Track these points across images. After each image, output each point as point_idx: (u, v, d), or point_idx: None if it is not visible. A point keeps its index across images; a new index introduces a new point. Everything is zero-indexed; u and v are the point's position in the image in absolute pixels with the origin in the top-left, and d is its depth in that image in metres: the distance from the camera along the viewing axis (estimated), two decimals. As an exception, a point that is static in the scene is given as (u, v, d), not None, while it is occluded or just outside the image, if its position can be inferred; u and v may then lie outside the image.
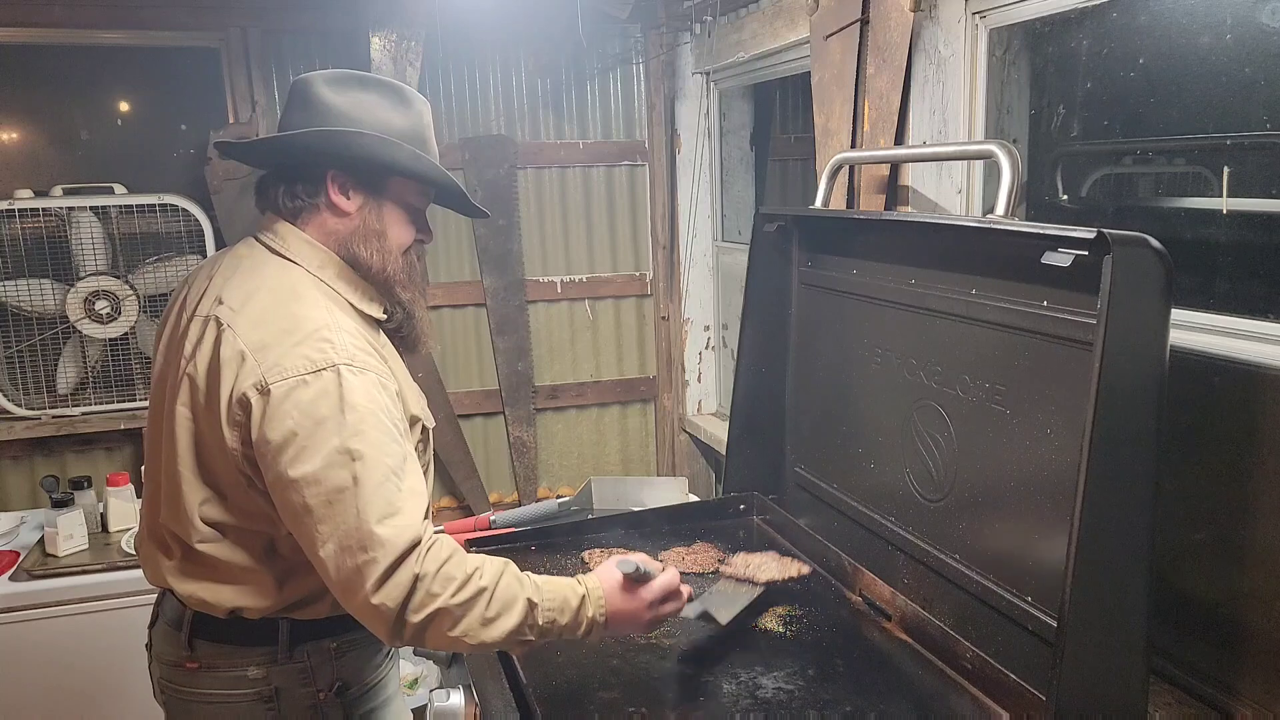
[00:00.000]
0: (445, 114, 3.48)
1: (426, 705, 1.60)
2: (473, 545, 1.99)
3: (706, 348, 3.70)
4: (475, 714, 1.53)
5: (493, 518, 2.53)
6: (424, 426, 1.58)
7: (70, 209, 3.05)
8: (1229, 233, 1.77)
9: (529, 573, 1.43)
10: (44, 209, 3.04)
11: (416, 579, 1.31)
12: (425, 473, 1.58)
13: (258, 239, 1.53)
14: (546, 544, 2.06)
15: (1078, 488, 1.19)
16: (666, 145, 3.61)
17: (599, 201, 3.68)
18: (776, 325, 2.25)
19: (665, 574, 1.53)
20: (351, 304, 1.51)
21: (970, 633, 1.54)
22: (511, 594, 1.37)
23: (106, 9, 3.12)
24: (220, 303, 1.45)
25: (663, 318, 3.75)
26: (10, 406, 3.13)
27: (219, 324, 1.42)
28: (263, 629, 1.50)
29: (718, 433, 3.37)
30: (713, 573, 1.91)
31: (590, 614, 1.44)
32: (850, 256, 1.99)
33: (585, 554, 1.99)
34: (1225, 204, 1.76)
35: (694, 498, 2.69)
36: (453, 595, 1.32)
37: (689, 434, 3.70)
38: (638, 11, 3.37)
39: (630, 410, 3.86)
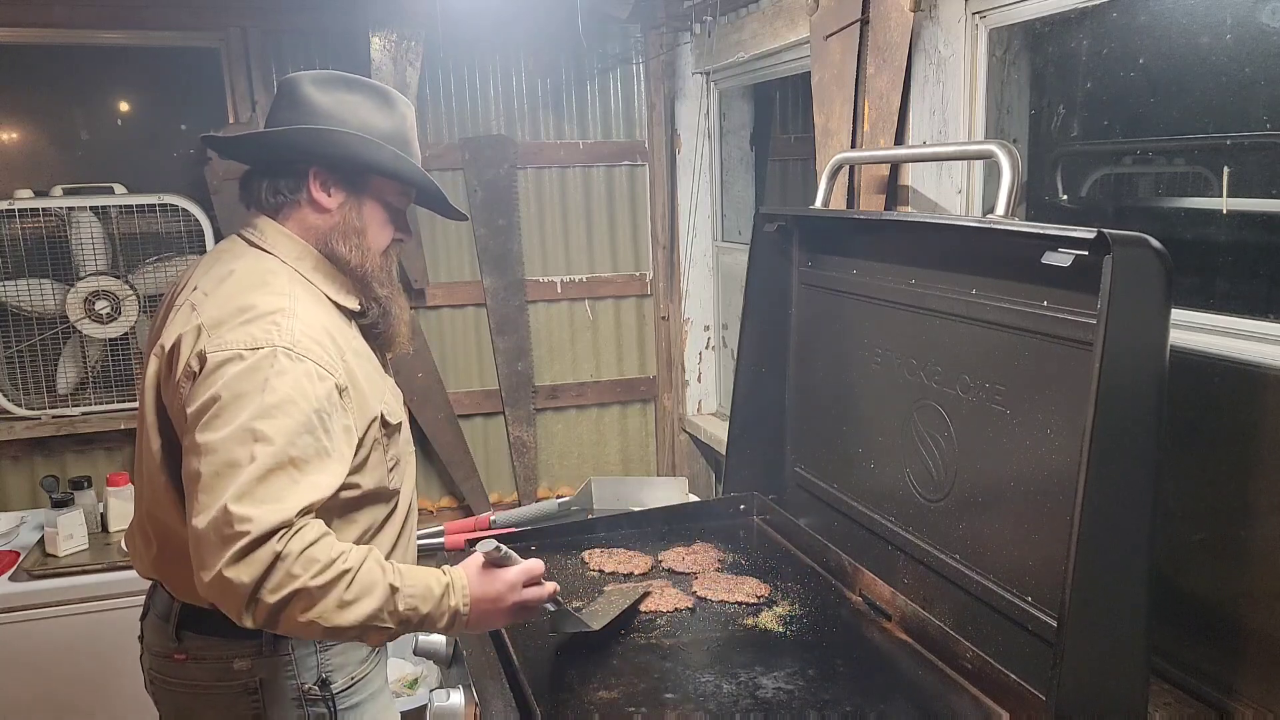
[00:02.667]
0: (445, 114, 3.48)
1: (426, 705, 1.60)
2: (473, 546, 1.99)
3: (706, 348, 3.70)
4: (475, 714, 1.53)
5: (493, 518, 2.53)
6: (387, 422, 1.57)
7: (70, 209, 3.05)
8: (1229, 233, 1.77)
9: (366, 550, 1.38)
10: (44, 209, 3.04)
11: (277, 557, 1.27)
12: (395, 468, 1.60)
13: (240, 234, 1.58)
14: (546, 544, 2.06)
15: (1078, 488, 1.19)
16: (666, 145, 3.61)
17: (599, 201, 3.68)
18: (776, 325, 2.25)
19: (528, 561, 1.51)
20: (327, 296, 1.53)
21: (970, 633, 1.54)
22: (372, 579, 1.34)
23: (106, 9, 3.12)
24: (195, 289, 1.50)
25: (663, 318, 3.75)
26: (10, 406, 3.13)
27: (191, 306, 1.47)
28: None
29: (718, 433, 3.37)
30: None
31: (454, 603, 1.41)
32: (850, 256, 1.99)
33: (585, 554, 1.99)
34: (1225, 204, 1.76)
35: (694, 498, 2.69)
36: (314, 577, 1.29)
37: (689, 434, 3.70)
38: (638, 11, 3.37)
39: (630, 410, 3.86)
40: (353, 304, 1.58)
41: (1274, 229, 1.68)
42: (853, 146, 2.26)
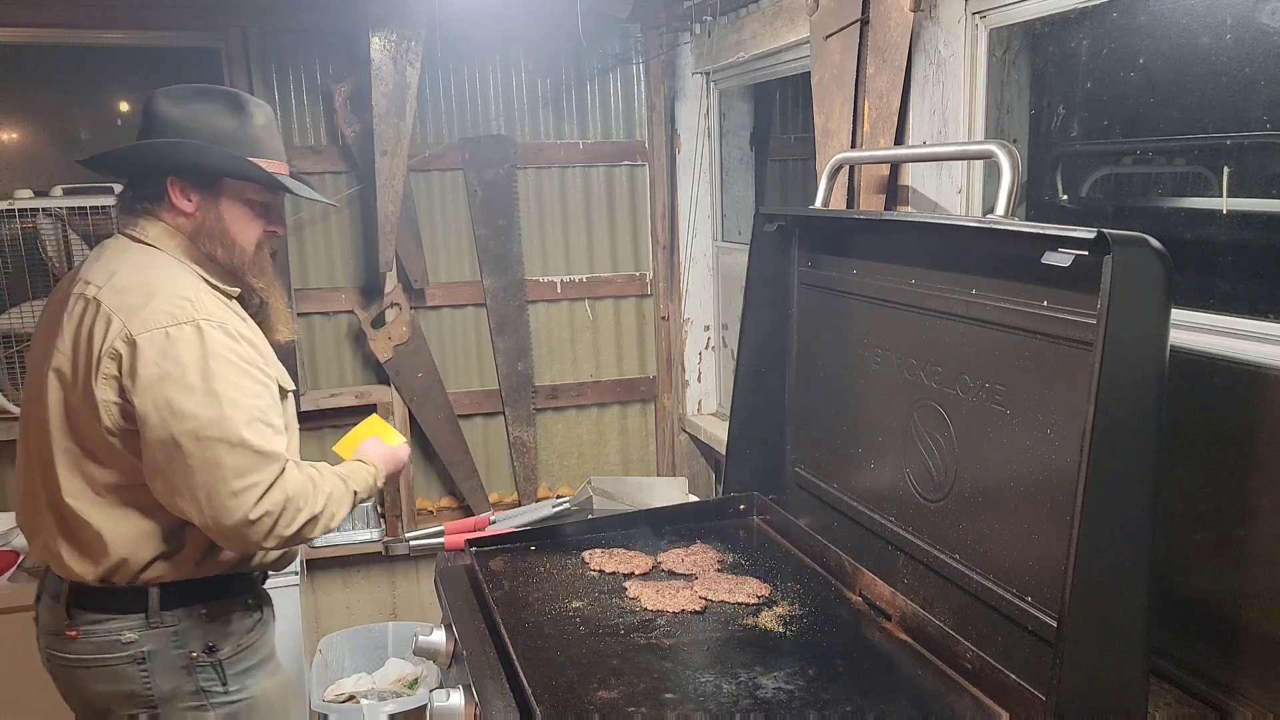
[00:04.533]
0: (445, 114, 3.48)
1: (426, 705, 1.60)
2: (473, 546, 2.00)
3: (706, 348, 3.70)
4: (475, 714, 1.53)
5: (492, 518, 2.53)
6: (282, 388, 1.76)
7: (70, 209, 3.05)
8: (1229, 233, 1.77)
9: (326, 469, 1.76)
10: (44, 209, 3.04)
11: (287, 500, 1.59)
12: (289, 430, 1.79)
13: (122, 233, 1.73)
14: (546, 544, 2.06)
15: (1078, 488, 1.19)
16: (666, 145, 3.61)
17: (599, 202, 3.68)
18: (776, 325, 2.24)
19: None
20: (208, 280, 1.69)
21: (970, 633, 1.54)
22: (337, 485, 1.73)
23: (106, 9, 3.12)
24: (87, 283, 1.65)
25: (663, 318, 3.75)
26: (10, 406, 3.13)
27: (85, 299, 1.62)
28: (133, 596, 1.66)
29: (718, 433, 3.37)
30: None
31: (374, 476, 1.86)
32: (850, 256, 1.99)
33: (585, 554, 1.99)
34: (1225, 204, 1.76)
35: (694, 498, 2.69)
36: (315, 506, 1.64)
37: (689, 434, 3.70)
38: (638, 11, 3.37)
39: (630, 410, 3.86)
40: (233, 289, 1.74)
41: (1274, 229, 1.68)
42: (853, 146, 2.26)
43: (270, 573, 1.91)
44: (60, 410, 1.63)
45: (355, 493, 1.78)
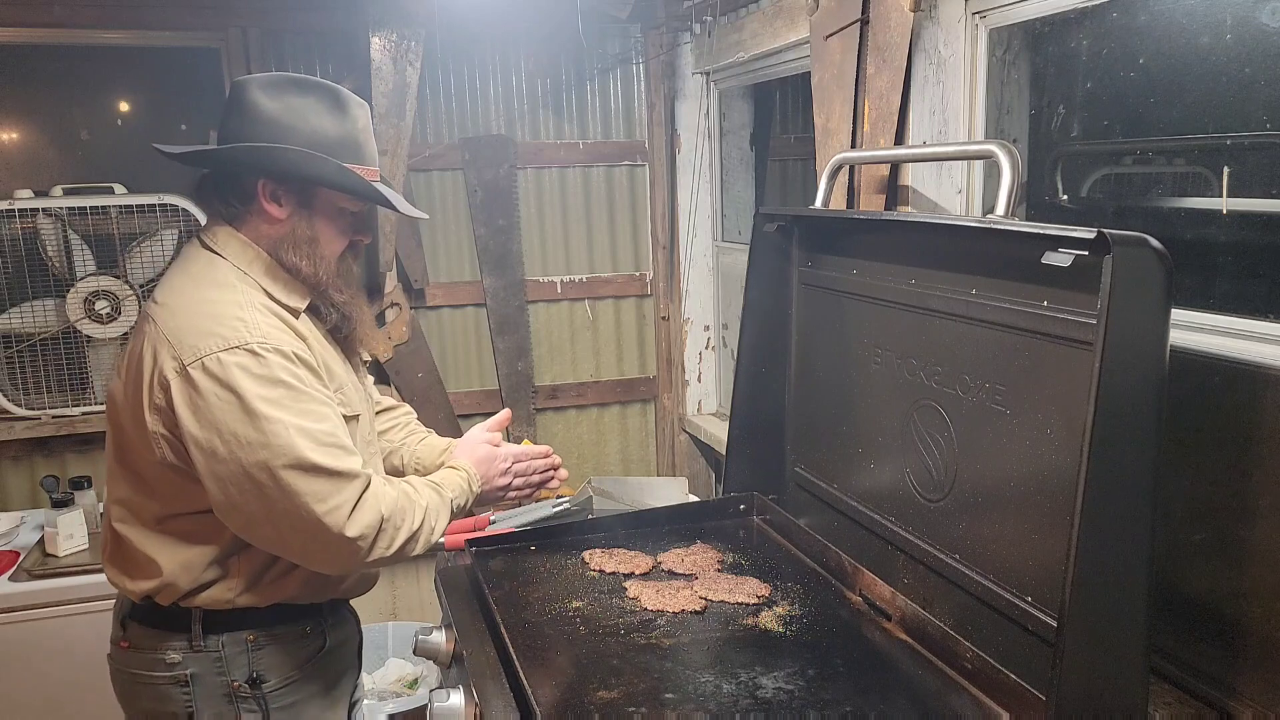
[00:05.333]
0: (445, 114, 3.48)
1: (426, 705, 1.60)
2: (473, 546, 1.99)
3: (706, 348, 3.70)
4: (475, 714, 1.53)
5: (493, 517, 2.53)
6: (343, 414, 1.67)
7: (70, 209, 3.06)
8: (1229, 233, 1.77)
9: (418, 481, 1.70)
10: (44, 209, 3.05)
11: (383, 519, 1.52)
12: (369, 448, 1.74)
13: (198, 237, 1.62)
14: (546, 544, 2.06)
15: (1078, 488, 1.19)
16: (666, 145, 3.61)
17: (599, 202, 3.68)
18: (776, 325, 2.24)
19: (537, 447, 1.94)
20: (271, 295, 1.57)
21: (970, 633, 1.54)
22: (437, 499, 1.66)
23: (106, 9, 3.12)
24: (154, 301, 1.56)
25: (663, 318, 3.75)
26: (10, 406, 3.13)
27: (146, 317, 1.54)
28: (176, 616, 1.60)
29: (718, 433, 3.37)
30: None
31: (472, 489, 1.78)
32: (850, 256, 1.99)
33: (585, 554, 1.99)
34: (1225, 204, 1.76)
35: (694, 498, 2.69)
36: (413, 523, 1.58)
37: (689, 434, 3.70)
38: (638, 11, 3.37)
39: (630, 410, 3.86)
40: (298, 303, 1.60)
41: (1274, 229, 1.68)
42: (853, 146, 2.26)
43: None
44: (112, 434, 1.58)
45: (451, 500, 1.69)
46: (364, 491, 1.51)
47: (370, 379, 1.93)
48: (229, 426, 1.43)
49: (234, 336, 1.46)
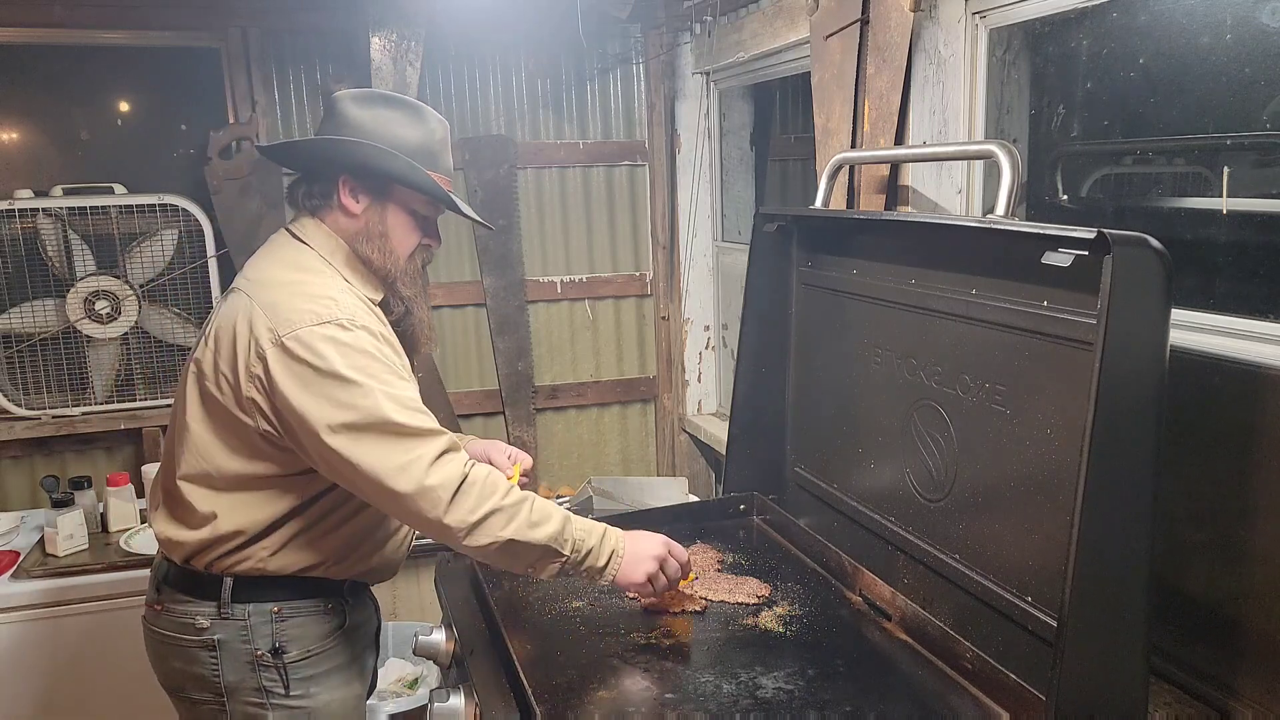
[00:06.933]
0: (445, 114, 3.43)
1: (426, 705, 1.60)
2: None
3: (706, 348, 3.70)
4: (475, 714, 1.53)
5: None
6: None
7: (70, 209, 3.05)
8: (1229, 233, 1.77)
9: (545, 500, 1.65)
10: (44, 209, 3.04)
11: (465, 478, 1.55)
12: None
13: (286, 228, 1.76)
14: (546, 544, 2.05)
15: (1078, 488, 1.19)
16: (666, 145, 3.60)
17: (599, 202, 3.68)
18: (776, 325, 2.25)
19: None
20: (350, 283, 1.69)
21: (970, 633, 1.54)
22: (549, 508, 1.61)
23: (106, 9, 3.12)
24: (245, 278, 1.69)
25: (663, 318, 3.75)
26: (10, 406, 3.13)
27: (237, 291, 1.66)
28: (208, 582, 1.68)
29: (718, 433, 3.37)
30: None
31: (613, 545, 1.65)
32: (850, 256, 1.99)
33: (585, 554, 1.99)
34: (1225, 204, 1.76)
35: (694, 498, 2.69)
36: (503, 498, 1.56)
37: (689, 434, 3.70)
38: (638, 11, 3.37)
39: (630, 410, 3.86)
40: (375, 295, 1.73)
41: (1274, 229, 1.68)
42: (853, 146, 2.26)
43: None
44: (196, 398, 1.65)
45: (568, 518, 1.61)
46: (447, 450, 1.57)
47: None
48: (322, 391, 1.54)
49: (326, 313, 1.58)
